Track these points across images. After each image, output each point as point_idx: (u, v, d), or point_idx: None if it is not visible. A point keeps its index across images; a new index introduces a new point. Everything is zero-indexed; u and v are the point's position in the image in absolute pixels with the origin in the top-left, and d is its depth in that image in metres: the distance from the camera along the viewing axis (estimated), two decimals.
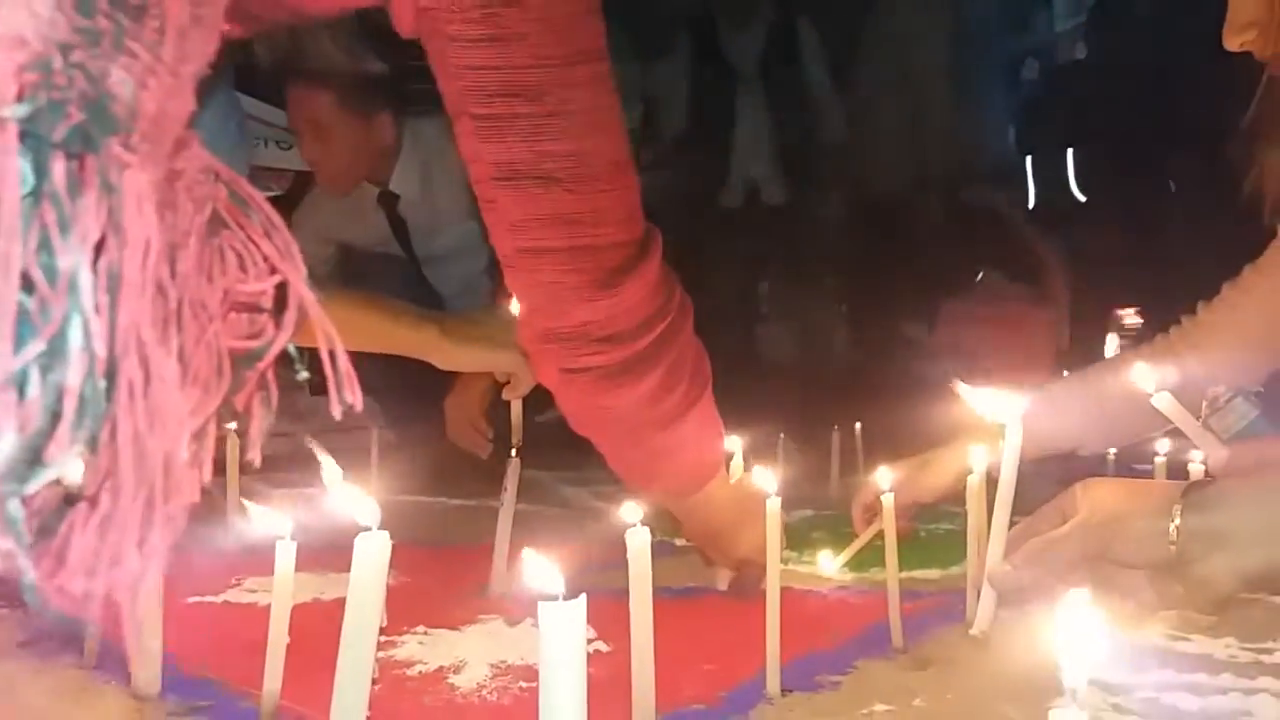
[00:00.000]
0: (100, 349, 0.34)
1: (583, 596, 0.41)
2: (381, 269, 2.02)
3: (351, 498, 0.51)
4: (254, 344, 0.42)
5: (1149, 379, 0.92)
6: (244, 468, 1.20)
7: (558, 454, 1.27)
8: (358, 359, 0.45)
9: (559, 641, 0.41)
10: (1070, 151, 2.79)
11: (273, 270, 0.42)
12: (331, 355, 0.43)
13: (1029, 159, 3.02)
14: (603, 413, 0.83)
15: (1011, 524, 0.77)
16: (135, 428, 0.35)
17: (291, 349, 0.43)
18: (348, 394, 0.43)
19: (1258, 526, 0.63)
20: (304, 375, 0.43)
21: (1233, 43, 0.89)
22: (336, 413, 0.43)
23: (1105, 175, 2.70)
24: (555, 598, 0.41)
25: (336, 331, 1.04)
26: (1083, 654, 0.34)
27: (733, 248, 2.84)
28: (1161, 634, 0.87)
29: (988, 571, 0.76)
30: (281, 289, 0.43)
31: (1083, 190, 2.77)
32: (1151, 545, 0.65)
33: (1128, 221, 2.63)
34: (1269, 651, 0.82)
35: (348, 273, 2.04)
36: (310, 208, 2.08)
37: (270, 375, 0.43)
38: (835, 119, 2.89)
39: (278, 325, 0.42)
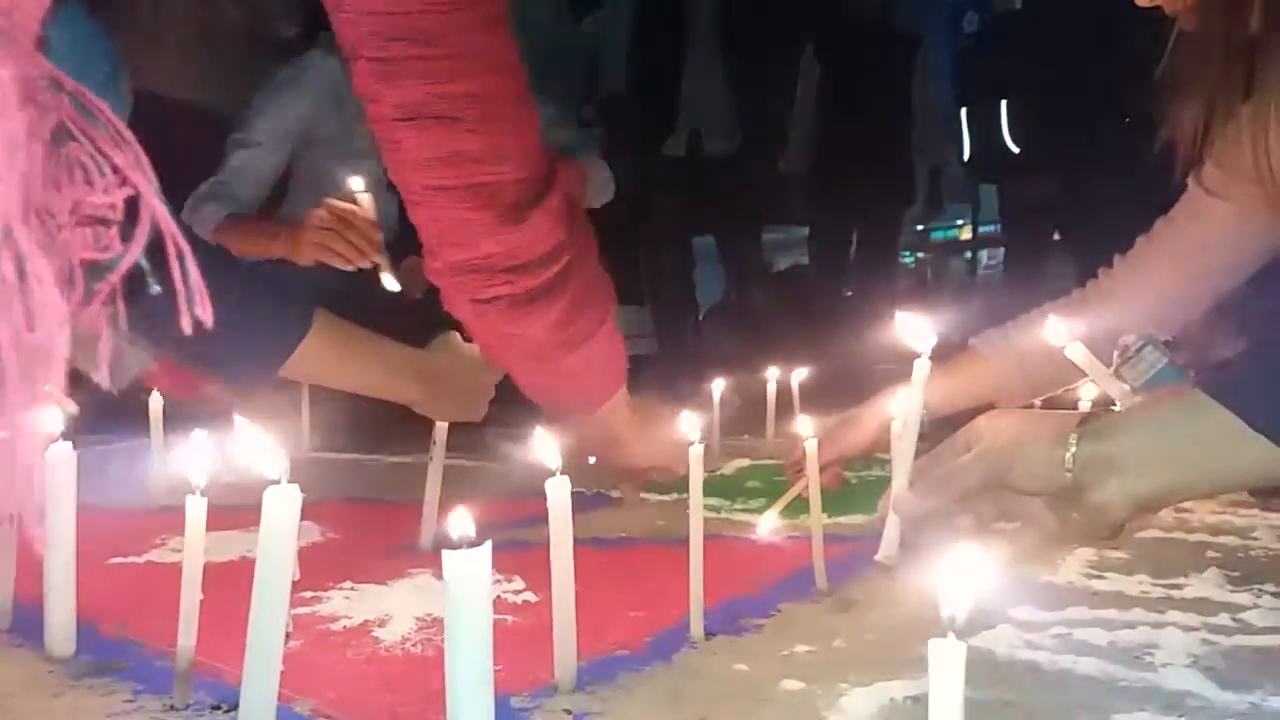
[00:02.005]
0: None
1: (488, 544, 0.41)
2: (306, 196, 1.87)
3: (259, 448, 0.50)
4: (103, 257, 0.41)
5: (1062, 331, 0.94)
6: (168, 425, 1.17)
7: (495, 409, 1.27)
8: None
9: (464, 590, 0.41)
10: (1004, 103, 2.81)
11: (123, 183, 0.41)
12: (182, 265, 0.41)
13: (964, 110, 3.04)
14: (514, 340, 0.87)
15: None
16: (13, 324, 0.34)
17: (143, 262, 0.41)
18: (198, 308, 0.42)
19: (1149, 453, 0.65)
20: (156, 290, 0.42)
21: None
22: (186, 327, 0.41)
23: (1038, 126, 2.73)
24: (459, 546, 0.41)
25: (328, 370, 1.02)
26: (963, 586, 0.34)
27: (676, 197, 2.84)
28: (1077, 572, 0.90)
29: (893, 499, 0.78)
30: (133, 202, 0.41)
31: (1015, 141, 2.80)
32: (1048, 472, 0.67)
33: (1060, 171, 2.66)
34: (1179, 587, 0.85)
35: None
36: (279, 88, 1.92)
37: (119, 291, 0.42)
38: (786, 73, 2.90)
39: (128, 239, 0.41)
